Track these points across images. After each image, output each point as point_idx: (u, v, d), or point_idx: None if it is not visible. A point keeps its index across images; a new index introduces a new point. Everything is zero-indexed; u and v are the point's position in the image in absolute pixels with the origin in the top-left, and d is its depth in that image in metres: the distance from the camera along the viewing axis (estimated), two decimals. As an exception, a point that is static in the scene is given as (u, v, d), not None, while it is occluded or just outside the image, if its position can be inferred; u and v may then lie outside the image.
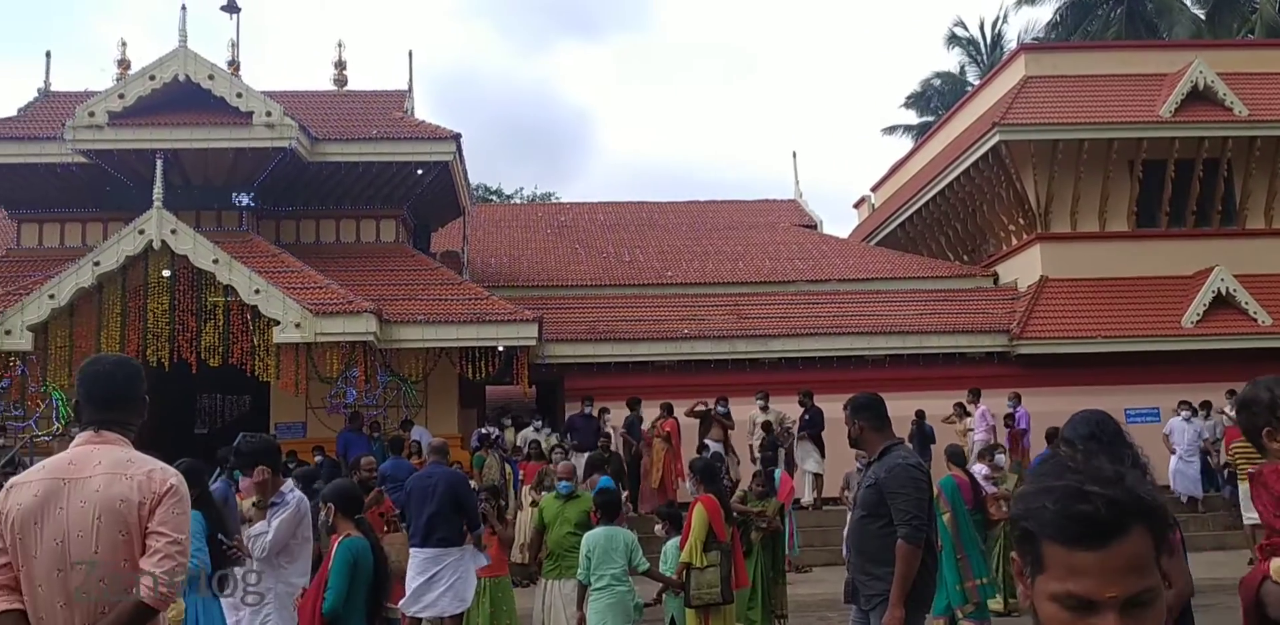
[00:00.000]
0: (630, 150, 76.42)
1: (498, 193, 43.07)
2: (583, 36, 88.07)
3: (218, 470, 11.54)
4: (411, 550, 7.29)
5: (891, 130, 38.59)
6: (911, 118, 37.95)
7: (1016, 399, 15.89)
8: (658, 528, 7.96)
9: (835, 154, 74.49)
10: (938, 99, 36.70)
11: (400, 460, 12.71)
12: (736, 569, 7.38)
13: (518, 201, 40.89)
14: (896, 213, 23.79)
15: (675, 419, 15.27)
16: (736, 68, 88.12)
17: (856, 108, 76.87)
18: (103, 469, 2.89)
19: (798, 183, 26.92)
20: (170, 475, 2.93)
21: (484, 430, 14.97)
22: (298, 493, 5.48)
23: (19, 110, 17.83)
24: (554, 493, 8.41)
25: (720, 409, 15.29)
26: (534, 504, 11.98)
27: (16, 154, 16.22)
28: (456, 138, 17.24)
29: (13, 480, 2.95)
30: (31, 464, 14.12)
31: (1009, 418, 15.54)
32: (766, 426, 14.85)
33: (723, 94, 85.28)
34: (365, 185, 17.52)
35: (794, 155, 31.55)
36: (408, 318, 15.51)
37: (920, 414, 15.15)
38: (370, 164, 16.97)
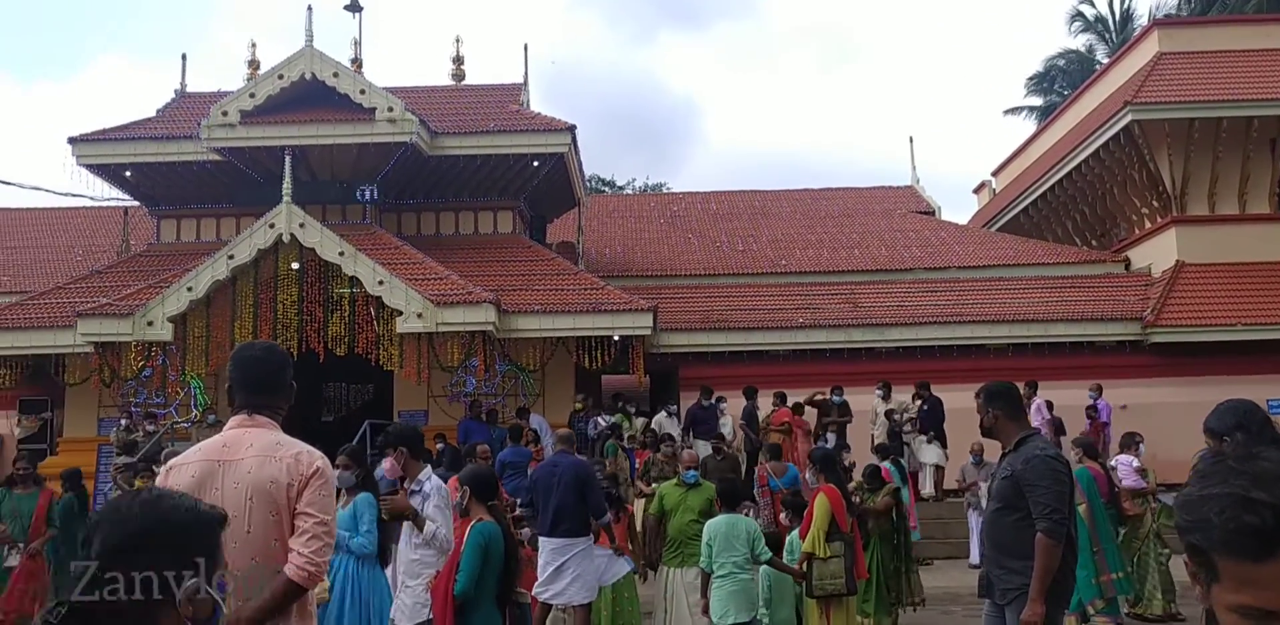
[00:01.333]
0: (738, 139, 75.97)
1: (610, 184, 43.32)
2: (687, 25, 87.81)
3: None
4: (540, 540, 7.39)
5: (1013, 113, 37.45)
6: (1035, 100, 36.75)
7: (1098, 390, 15.26)
8: (781, 516, 7.91)
9: (953, 138, 72.73)
10: (1063, 79, 35.43)
11: (519, 448, 12.92)
12: (857, 561, 7.27)
13: (629, 192, 41.06)
14: (1020, 197, 23.09)
15: (790, 408, 15.15)
16: (845, 51, 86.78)
17: (974, 91, 74.88)
18: (254, 452, 3.00)
19: (914, 168, 26.23)
20: (316, 458, 3.02)
21: (603, 419, 15.07)
22: (435, 479, 5.73)
23: (157, 111, 18.65)
24: (674, 480, 8.42)
25: (835, 399, 15.11)
26: (640, 494, 12.01)
27: (156, 153, 16.99)
28: (571, 129, 17.39)
29: (171, 461, 3.09)
30: (174, 450, 14.79)
31: (1090, 409, 14.92)
32: (890, 415, 14.62)
33: (832, 79, 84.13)
34: (483, 177, 17.81)
35: (910, 140, 30.81)
36: (525, 308, 15.73)
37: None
38: (488, 156, 17.25)
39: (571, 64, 72.13)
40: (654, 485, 11.62)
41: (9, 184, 46.77)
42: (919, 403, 14.96)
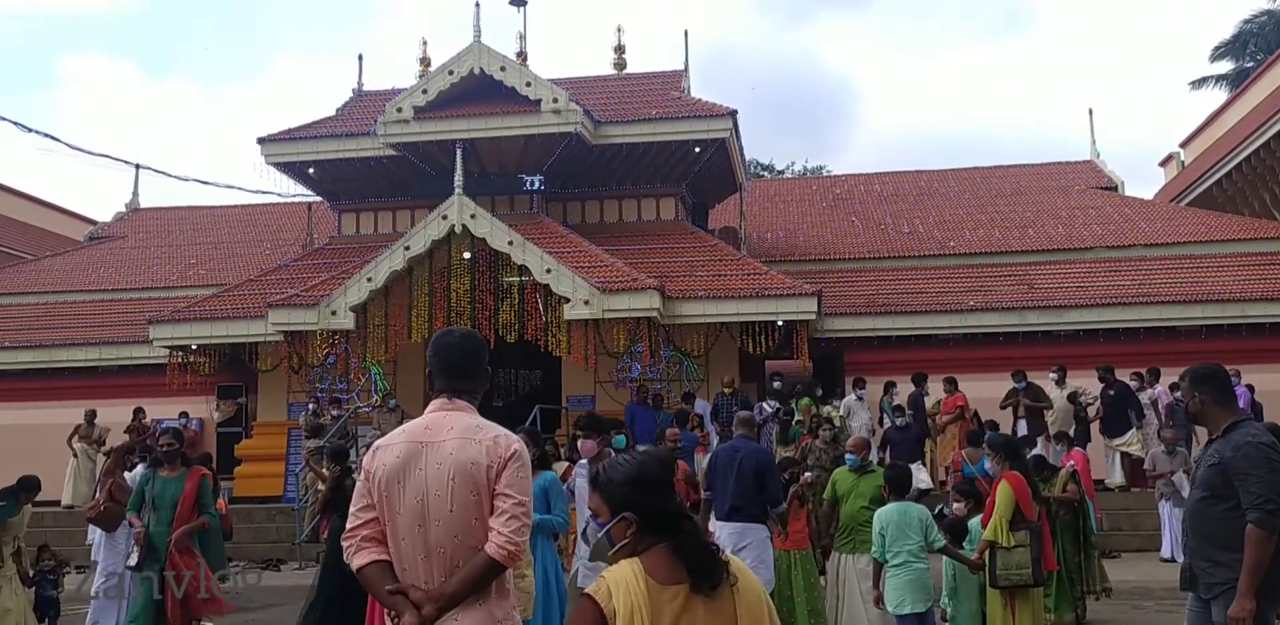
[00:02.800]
0: (900, 119, 73.94)
1: (769, 168, 42.92)
2: (844, 3, 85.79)
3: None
4: (718, 524, 7.40)
5: (1199, 84, 35.12)
6: (1223, 66, 34.38)
7: (1238, 375, 14.16)
8: (956, 506, 7.70)
9: (1136, 110, 68.76)
10: (1256, 42, 33.01)
11: (685, 433, 13.03)
12: (1045, 551, 7.00)
13: (789, 176, 40.61)
14: (1211, 170, 21.70)
15: (963, 393, 14.72)
16: (1013, 24, 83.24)
17: (1158, 59, 70.67)
18: (455, 434, 3.11)
19: (1094, 142, 24.88)
20: (514, 441, 3.12)
21: (768, 404, 15.01)
22: None
23: (337, 110, 19.54)
24: (846, 466, 8.33)
25: (1018, 385, 14.56)
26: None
27: (337, 150, 17.81)
28: (733, 114, 17.32)
29: (377, 443, 3.24)
30: (358, 433, 15.50)
31: None
32: (1072, 398, 14.04)
33: (1000, 53, 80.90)
34: (645, 165, 17.95)
35: (1089, 113, 29.04)
36: (689, 293, 15.79)
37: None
38: (650, 144, 17.35)
39: (728, 48, 71.76)
40: (808, 473, 11.49)
41: (206, 183, 50.12)
42: (1103, 386, 14.29)
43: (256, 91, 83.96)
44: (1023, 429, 13.82)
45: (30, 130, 15.50)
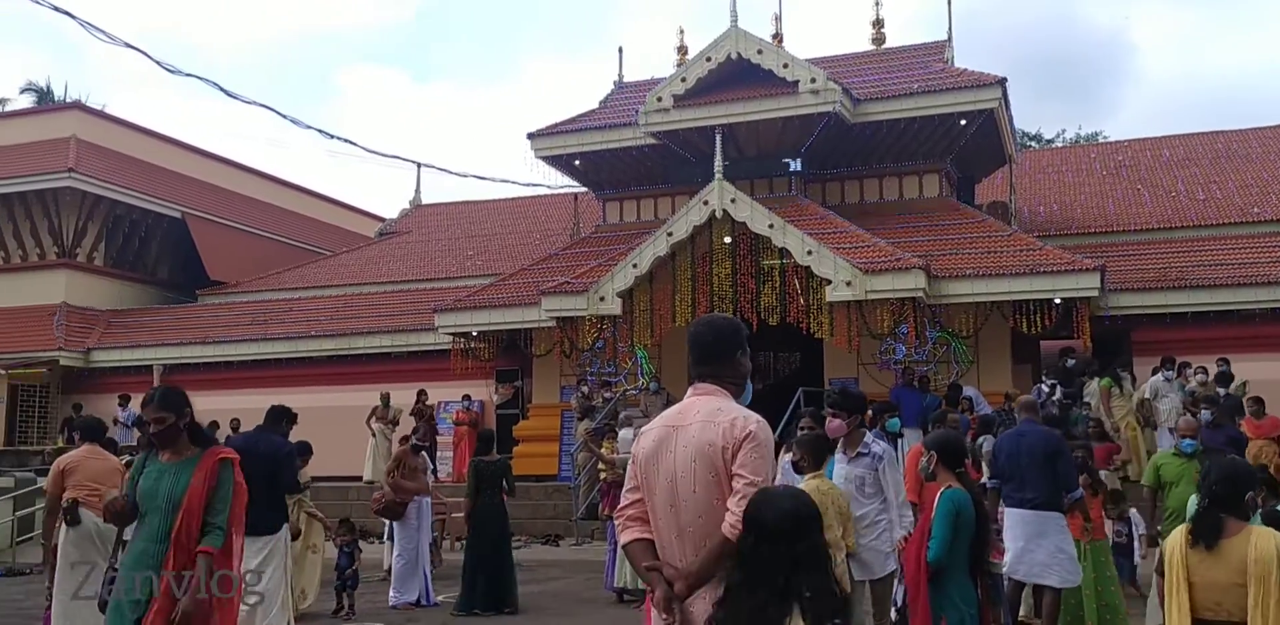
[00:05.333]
0: (1185, 74, 67.62)
1: (1036, 138, 40.52)
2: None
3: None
4: (1009, 511, 7.07)
5: None
6: None
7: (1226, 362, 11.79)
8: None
9: None
10: None
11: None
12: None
13: (1059, 144, 38.17)
14: None
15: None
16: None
17: None
18: (699, 417, 3.22)
19: None
20: (750, 422, 3.17)
21: (1043, 385, 14.24)
22: (881, 443, 6.08)
23: (599, 103, 20.19)
24: (1172, 450, 7.92)
25: None
26: None
27: (600, 141, 18.41)
28: (1001, 82, 16.48)
29: (643, 428, 3.43)
30: (627, 415, 16.04)
31: None
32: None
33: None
34: (907, 141, 17.41)
35: None
36: (956, 272, 15.21)
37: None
38: (911, 119, 16.81)
39: (983, 11, 67.98)
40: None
41: (483, 178, 53.14)
42: None
43: (520, 89, 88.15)
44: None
45: (331, 136, 17.08)
